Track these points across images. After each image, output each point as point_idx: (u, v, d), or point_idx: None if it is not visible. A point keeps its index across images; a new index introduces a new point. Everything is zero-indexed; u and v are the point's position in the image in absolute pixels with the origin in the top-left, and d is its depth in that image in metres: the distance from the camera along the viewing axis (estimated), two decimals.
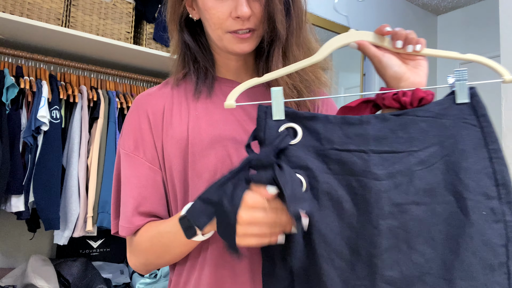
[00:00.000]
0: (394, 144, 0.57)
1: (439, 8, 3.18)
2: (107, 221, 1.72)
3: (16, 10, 1.63)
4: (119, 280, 1.93)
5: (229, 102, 0.61)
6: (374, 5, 2.79)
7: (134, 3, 1.95)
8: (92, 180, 1.72)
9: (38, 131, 1.62)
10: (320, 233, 0.54)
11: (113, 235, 0.76)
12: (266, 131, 0.58)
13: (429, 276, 0.53)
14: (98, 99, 1.81)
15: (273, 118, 0.58)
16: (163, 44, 2.01)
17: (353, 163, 0.56)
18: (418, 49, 0.65)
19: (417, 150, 0.57)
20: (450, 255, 0.54)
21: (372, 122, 0.57)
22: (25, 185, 1.59)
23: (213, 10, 0.67)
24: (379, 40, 0.65)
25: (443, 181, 0.56)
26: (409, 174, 0.56)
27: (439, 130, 0.58)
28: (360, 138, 0.57)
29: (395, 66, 0.64)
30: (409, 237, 0.54)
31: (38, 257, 1.75)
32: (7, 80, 1.56)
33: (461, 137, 0.58)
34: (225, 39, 0.69)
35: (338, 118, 0.59)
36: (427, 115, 0.59)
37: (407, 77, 0.64)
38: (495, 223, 0.55)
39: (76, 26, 1.77)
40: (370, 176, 0.55)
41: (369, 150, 0.56)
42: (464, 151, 0.57)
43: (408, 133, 0.57)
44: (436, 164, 0.56)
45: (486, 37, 3.02)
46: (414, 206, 0.55)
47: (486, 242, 0.54)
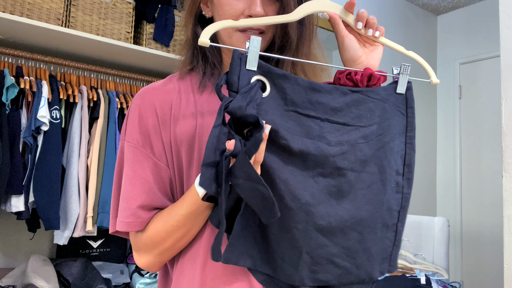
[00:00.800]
0: (346, 118, 0.65)
1: (439, 8, 3.18)
2: (107, 221, 1.72)
3: (16, 10, 1.63)
4: (119, 280, 1.93)
5: (203, 39, 0.60)
6: (374, 5, 2.79)
7: (134, 3, 1.95)
8: (92, 180, 1.72)
9: (38, 131, 1.62)
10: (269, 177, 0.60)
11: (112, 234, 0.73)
12: (240, 78, 0.58)
13: (347, 229, 0.64)
14: (98, 99, 1.81)
15: (246, 67, 0.59)
16: (163, 44, 2.01)
17: (310, 127, 0.63)
18: (376, 35, 0.70)
19: (363, 126, 0.66)
20: (365, 214, 0.65)
21: (333, 93, 0.65)
22: (25, 185, 1.59)
23: (227, 7, 0.69)
24: (345, 14, 0.69)
25: (374, 155, 0.66)
26: (354, 145, 0.65)
27: (381, 112, 0.67)
28: (320, 106, 0.64)
29: (353, 49, 0.70)
30: (340, 195, 0.64)
31: (38, 257, 1.75)
32: (7, 80, 1.56)
33: (394, 121, 0.68)
34: (234, 36, 0.70)
35: (306, 82, 0.64)
36: (375, 97, 0.67)
37: (362, 60, 0.70)
38: (396, 194, 0.69)
39: (76, 26, 1.77)
40: (323, 141, 0.63)
41: (325, 119, 0.64)
42: (393, 134, 0.68)
43: (359, 110, 0.66)
44: (373, 140, 0.66)
45: (486, 37, 3.02)
46: (350, 172, 0.64)
47: (388, 208, 0.68)
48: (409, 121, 0.70)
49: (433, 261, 2.02)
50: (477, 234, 2.97)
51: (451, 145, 3.16)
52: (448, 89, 3.21)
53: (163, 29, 2.00)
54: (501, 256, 2.73)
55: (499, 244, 2.79)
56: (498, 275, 2.78)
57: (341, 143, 0.64)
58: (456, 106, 3.16)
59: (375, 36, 0.70)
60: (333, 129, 0.64)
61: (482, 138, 3.00)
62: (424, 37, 3.20)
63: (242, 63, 0.59)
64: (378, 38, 0.70)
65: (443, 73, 3.25)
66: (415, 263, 1.95)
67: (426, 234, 2.08)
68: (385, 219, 0.68)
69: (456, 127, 3.14)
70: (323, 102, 0.64)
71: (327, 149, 0.63)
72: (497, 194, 2.86)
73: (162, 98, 0.72)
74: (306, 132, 0.62)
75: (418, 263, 1.95)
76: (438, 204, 3.20)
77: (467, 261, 3.00)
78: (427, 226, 2.09)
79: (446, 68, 3.23)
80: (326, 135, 0.63)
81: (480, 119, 3.02)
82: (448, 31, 3.25)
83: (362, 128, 0.66)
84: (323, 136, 0.63)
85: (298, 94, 0.63)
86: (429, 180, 3.16)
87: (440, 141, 3.23)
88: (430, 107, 3.20)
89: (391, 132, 0.68)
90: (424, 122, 3.14)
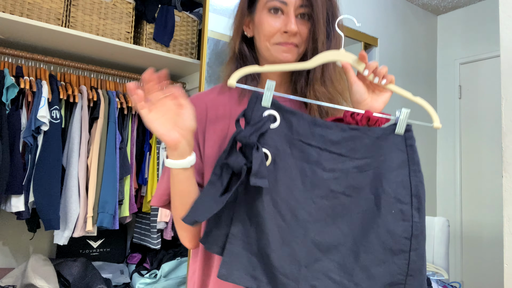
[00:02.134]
0: (342, 149, 0.76)
1: (439, 8, 3.18)
2: (107, 221, 1.72)
3: (16, 10, 1.63)
4: (119, 280, 1.93)
5: (231, 82, 0.73)
6: (374, 5, 2.79)
7: (134, 3, 1.95)
8: (92, 180, 1.72)
9: (38, 131, 1.62)
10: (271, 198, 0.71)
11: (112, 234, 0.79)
12: (253, 112, 0.72)
13: (342, 247, 0.73)
14: (98, 99, 1.81)
15: (261, 104, 0.73)
16: (163, 44, 2.01)
17: (310, 154, 0.74)
18: (383, 83, 0.79)
19: (357, 158, 0.76)
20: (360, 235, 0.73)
21: (333, 128, 0.76)
22: (25, 185, 1.59)
23: (266, 24, 0.83)
24: (357, 63, 0.80)
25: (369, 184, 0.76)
26: (346, 172, 0.75)
27: (376, 148, 0.77)
28: (320, 138, 0.75)
29: (359, 93, 0.80)
30: (334, 215, 0.74)
31: (38, 257, 1.75)
32: (7, 80, 1.56)
33: (391, 157, 0.77)
34: (272, 49, 0.84)
35: (310, 117, 0.76)
36: (372, 135, 0.77)
37: (367, 102, 0.80)
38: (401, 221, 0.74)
39: (76, 26, 1.77)
40: (319, 166, 0.74)
41: (324, 148, 0.75)
42: (390, 167, 0.76)
43: (354, 144, 0.76)
44: (367, 171, 0.76)
45: (486, 37, 3.02)
46: (343, 196, 0.74)
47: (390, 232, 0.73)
48: (410, 157, 0.78)
49: (433, 261, 2.01)
50: (477, 234, 2.97)
51: (451, 145, 3.16)
52: (448, 89, 3.21)
53: (163, 29, 2.00)
54: (501, 256, 2.73)
55: (499, 244, 2.79)
56: (498, 275, 2.78)
57: (335, 170, 0.75)
58: (456, 106, 3.16)
59: (381, 83, 0.79)
60: (329, 158, 0.75)
61: (482, 138, 3.00)
62: (424, 37, 3.20)
63: (258, 101, 0.73)
64: (385, 85, 0.79)
65: (443, 73, 3.25)
66: None
67: (426, 234, 2.08)
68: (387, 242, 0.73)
69: (456, 127, 3.14)
70: (323, 134, 0.75)
71: (321, 173, 0.74)
72: (497, 194, 2.86)
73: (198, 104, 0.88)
74: (306, 158, 0.74)
75: None
76: (438, 204, 3.20)
77: (467, 261, 3.00)
78: (427, 226, 2.09)
79: (446, 68, 3.23)
80: (322, 162, 0.75)
81: (480, 119, 3.02)
82: (448, 31, 3.25)
83: (356, 160, 0.76)
84: (320, 163, 0.74)
85: (302, 126, 0.75)
86: (429, 180, 3.16)
87: (440, 141, 3.23)
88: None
89: (387, 165, 0.76)
90: (424, 122, 3.14)
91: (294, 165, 0.73)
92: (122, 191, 1.84)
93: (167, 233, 1.95)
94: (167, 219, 1.92)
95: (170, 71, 2.25)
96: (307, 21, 0.84)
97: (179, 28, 2.08)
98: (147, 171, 1.97)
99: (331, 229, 0.73)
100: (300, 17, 0.84)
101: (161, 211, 1.91)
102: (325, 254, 0.72)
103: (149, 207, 1.99)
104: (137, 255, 2.10)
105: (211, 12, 1.94)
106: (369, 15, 2.76)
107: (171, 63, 2.07)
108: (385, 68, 0.79)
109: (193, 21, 2.15)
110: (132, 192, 1.89)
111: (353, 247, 0.73)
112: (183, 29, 2.10)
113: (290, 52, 0.83)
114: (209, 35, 1.95)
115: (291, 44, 0.83)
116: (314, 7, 0.82)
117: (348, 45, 2.64)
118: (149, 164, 1.98)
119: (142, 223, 2.07)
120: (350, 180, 0.75)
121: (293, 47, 0.83)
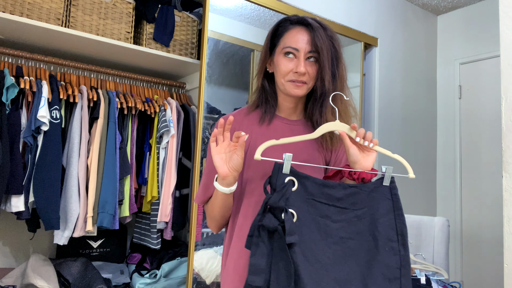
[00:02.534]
0: (345, 204, 0.99)
1: (439, 8, 3.18)
2: (107, 221, 1.72)
3: (16, 10, 1.63)
4: (119, 280, 1.93)
5: (256, 156, 0.95)
6: (374, 5, 2.79)
7: (134, 3, 1.95)
8: (92, 180, 1.72)
9: (38, 131, 1.62)
10: (300, 247, 0.91)
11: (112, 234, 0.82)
12: (277, 180, 0.94)
13: (354, 280, 0.94)
14: (98, 99, 1.81)
15: (283, 172, 0.94)
16: (163, 44, 2.01)
17: (321, 209, 0.97)
18: (370, 146, 1.01)
19: (356, 209, 0.99)
20: (366, 269, 0.96)
21: (337, 188, 0.99)
22: (25, 185, 1.59)
23: (282, 65, 1.06)
24: (350, 131, 1.01)
25: (367, 228, 0.99)
26: (349, 221, 0.98)
27: (370, 199, 1.00)
28: (329, 196, 0.98)
29: (354, 155, 1.01)
30: (345, 256, 0.96)
31: (38, 257, 1.75)
32: (7, 80, 1.56)
33: (381, 205, 1.01)
34: (286, 85, 1.07)
35: (320, 180, 0.98)
36: (366, 190, 1.00)
37: (360, 162, 1.01)
38: (393, 255, 0.98)
39: (76, 26, 1.77)
40: (329, 219, 0.97)
41: (331, 204, 0.98)
42: (381, 213, 1.00)
43: (354, 199, 0.99)
44: (365, 218, 0.99)
45: (486, 37, 3.02)
46: (350, 240, 0.97)
47: (387, 265, 0.97)
48: (395, 204, 1.01)
49: (433, 261, 2.01)
50: (477, 234, 2.97)
51: (451, 145, 3.16)
52: (448, 89, 3.21)
53: (163, 29, 2.00)
54: (501, 256, 2.73)
55: (499, 244, 2.79)
56: (498, 275, 2.78)
57: (341, 221, 0.97)
58: (456, 106, 3.16)
59: (369, 146, 1.01)
60: (336, 211, 0.97)
61: (482, 138, 3.00)
62: (424, 37, 3.20)
63: (280, 170, 0.94)
64: (372, 147, 1.01)
65: (443, 73, 3.25)
66: (415, 263, 1.95)
67: (426, 234, 2.08)
68: (386, 273, 0.96)
69: (456, 127, 3.14)
70: (330, 193, 0.98)
71: (331, 224, 0.96)
72: (497, 194, 2.86)
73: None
74: (319, 212, 0.96)
75: (418, 263, 1.95)
76: (438, 204, 3.20)
77: (467, 261, 3.00)
78: (427, 226, 2.09)
79: (446, 68, 3.23)
80: (331, 215, 0.97)
81: (480, 119, 3.02)
82: (448, 31, 3.25)
83: (356, 211, 0.99)
84: (329, 216, 0.96)
85: (314, 188, 0.97)
86: (429, 180, 3.16)
87: (440, 141, 3.23)
88: (430, 107, 3.21)
89: (379, 212, 0.99)
90: (424, 122, 3.14)
91: (311, 219, 0.95)
92: (122, 191, 1.84)
93: (167, 233, 1.95)
94: (167, 219, 1.92)
95: (170, 71, 2.25)
96: (315, 63, 1.06)
97: (179, 28, 2.08)
98: (147, 171, 1.97)
99: (344, 267, 0.94)
100: (309, 60, 1.05)
101: (161, 211, 1.91)
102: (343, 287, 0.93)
103: (149, 207, 1.99)
104: (137, 255, 2.10)
105: (211, 12, 1.94)
106: (369, 15, 2.76)
107: (171, 63, 2.07)
108: (371, 133, 1.02)
109: (193, 21, 2.15)
110: (132, 192, 1.89)
111: (362, 279, 0.95)
112: (183, 29, 2.10)
113: (300, 88, 1.06)
114: (209, 35, 1.95)
115: (300, 82, 1.05)
116: (320, 54, 1.03)
117: (348, 45, 2.64)
118: (149, 164, 1.98)
119: (142, 223, 2.07)
120: (352, 227, 0.98)
121: (302, 84, 1.06)
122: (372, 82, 2.80)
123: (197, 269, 1.89)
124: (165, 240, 2.10)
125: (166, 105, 2.00)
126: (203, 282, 1.90)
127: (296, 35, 1.06)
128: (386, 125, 2.83)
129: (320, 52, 1.03)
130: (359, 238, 0.97)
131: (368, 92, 2.80)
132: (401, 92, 2.96)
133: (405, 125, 2.98)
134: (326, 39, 1.04)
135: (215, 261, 1.91)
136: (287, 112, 1.15)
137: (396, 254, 0.98)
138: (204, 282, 1.90)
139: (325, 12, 2.45)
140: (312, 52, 1.04)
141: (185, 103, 2.15)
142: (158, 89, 2.15)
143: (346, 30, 2.55)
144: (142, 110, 1.97)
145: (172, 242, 2.18)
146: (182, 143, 2.04)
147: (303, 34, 1.05)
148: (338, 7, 2.54)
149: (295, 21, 1.08)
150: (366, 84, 2.81)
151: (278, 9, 2.20)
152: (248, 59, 2.25)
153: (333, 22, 2.48)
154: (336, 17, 2.51)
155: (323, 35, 1.04)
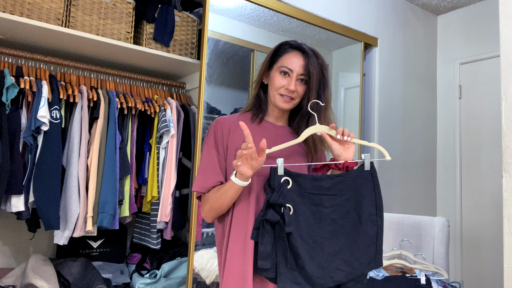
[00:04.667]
0: (334, 191, 1.19)
1: (439, 8, 3.18)
2: (107, 221, 1.72)
3: (16, 10, 1.63)
4: (119, 280, 1.93)
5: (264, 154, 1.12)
6: (374, 5, 2.79)
7: (134, 3, 1.95)
8: (92, 180, 1.72)
9: (38, 131, 1.62)
10: (298, 233, 1.12)
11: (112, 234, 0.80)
12: (274, 181, 1.12)
13: (344, 250, 1.17)
14: (98, 99, 1.81)
15: (278, 174, 1.13)
16: (163, 44, 2.01)
17: (314, 199, 1.17)
18: (348, 139, 1.20)
19: (344, 194, 1.19)
20: (352, 240, 1.19)
21: (326, 179, 1.18)
22: (25, 185, 1.59)
23: (276, 81, 1.24)
24: (330, 131, 1.20)
25: (353, 208, 1.20)
26: (339, 205, 1.19)
27: (354, 184, 1.21)
28: (320, 187, 1.17)
29: (336, 149, 1.22)
30: (336, 233, 1.17)
31: (38, 257, 1.75)
32: (7, 80, 1.56)
33: (364, 187, 1.22)
34: (277, 98, 1.25)
35: (311, 176, 1.17)
36: (350, 177, 1.21)
37: (343, 155, 1.22)
38: (373, 226, 1.21)
39: (76, 26, 1.77)
40: (322, 206, 1.17)
41: (323, 193, 1.17)
42: (364, 194, 1.21)
43: (341, 186, 1.19)
44: (351, 200, 1.20)
45: (486, 37, 3.02)
46: (340, 219, 1.18)
47: (367, 235, 1.20)
48: (375, 185, 1.23)
49: (433, 261, 2.01)
50: (477, 234, 2.97)
51: (451, 145, 3.16)
52: (448, 89, 3.21)
53: (163, 29, 2.00)
54: (501, 256, 2.73)
55: (499, 244, 2.79)
56: (498, 275, 2.78)
57: (332, 206, 1.17)
58: (456, 106, 3.15)
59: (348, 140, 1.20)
60: (327, 199, 1.17)
61: (482, 138, 3.00)
62: (424, 37, 3.20)
63: (276, 172, 1.12)
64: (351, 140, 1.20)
65: (443, 73, 3.25)
66: (415, 263, 1.95)
67: (426, 234, 2.08)
68: (366, 240, 1.20)
69: (456, 127, 3.14)
70: (321, 185, 1.17)
71: (323, 209, 1.16)
72: (497, 194, 2.86)
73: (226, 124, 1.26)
74: (312, 202, 1.16)
75: (418, 263, 1.95)
76: (438, 204, 3.20)
77: (467, 261, 3.00)
78: (427, 226, 2.09)
79: (446, 68, 3.23)
80: (323, 203, 1.17)
81: (480, 119, 3.02)
82: (448, 31, 3.25)
83: (343, 195, 1.19)
84: (322, 203, 1.17)
85: (307, 183, 1.16)
86: (429, 180, 3.16)
87: (440, 141, 3.23)
88: (430, 107, 3.20)
89: (362, 193, 1.21)
90: (424, 122, 3.14)
91: (306, 209, 1.15)
92: (122, 191, 1.84)
93: (167, 233, 1.95)
94: (167, 219, 1.92)
95: (170, 71, 2.25)
96: (304, 84, 1.24)
97: (179, 28, 2.08)
98: (147, 171, 1.97)
99: (336, 242, 1.16)
100: (300, 81, 1.24)
101: (161, 211, 1.91)
102: (335, 257, 1.16)
103: (149, 207, 1.99)
104: (137, 255, 2.10)
105: (211, 12, 1.94)
106: (369, 15, 2.75)
107: (171, 63, 2.07)
108: (347, 130, 1.21)
109: (193, 21, 2.15)
110: (132, 192, 1.89)
111: (349, 248, 1.18)
112: (183, 29, 2.10)
113: (287, 103, 1.24)
114: (209, 35, 1.94)
115: (289, 97, 1.23)
116: (310, 78, 1.22)
117: (349, 45, 2.64)
118: (149, 164, 1.98)
119: (142, 223, 2.07)
120: (342, 209, 1.18)
121: (290, 100, 1.24)
122: (372, 82, 2.80)
123: (197, 269, 1.89)
124: (165, 240, 2.10)
125: (166, 105, 2.00)
126: (203, 282, 1.90)
127: (292, 58, 1.23)
128: (386, 125, 2.83)
129: (311, 77, 1.21)
130: (347, 217, 1.19)
131: (368, 92, 2.80)
132: (401, 92, 2.96)
133: (405, 125, 2.98)
134: (317, 66, 1.23)
135: (215, 261, 1.91)
136: (274, 119, 1.32)
137: (374, 225, 1.21)
138: (204, 282, 1.90)
139: (325, 12, 2.45)
140: (304, 75, 1.22)
141: (185, 103, 2.15)
142: (158, 89, 2.15)
143: (346, 30, 2.55)
144: (142, 110, 1.97)
145: (172, 242, 2.18)
146: (182, 143, 2.04)
147: (299, 59, 1.23)
148: (338, 7, 2.54)
149: (294, 46, 1.26)
150: (366, 84, 2.81)
151: (278, 9, 2.20)
152: (248, 59, 2.25)
153: (333, 22, 2.48)
154: (336, 17, 2.51)
155: (315, 62, 1.23)
